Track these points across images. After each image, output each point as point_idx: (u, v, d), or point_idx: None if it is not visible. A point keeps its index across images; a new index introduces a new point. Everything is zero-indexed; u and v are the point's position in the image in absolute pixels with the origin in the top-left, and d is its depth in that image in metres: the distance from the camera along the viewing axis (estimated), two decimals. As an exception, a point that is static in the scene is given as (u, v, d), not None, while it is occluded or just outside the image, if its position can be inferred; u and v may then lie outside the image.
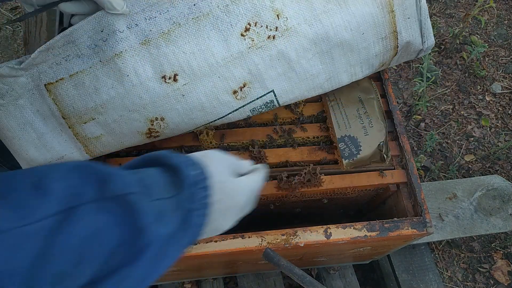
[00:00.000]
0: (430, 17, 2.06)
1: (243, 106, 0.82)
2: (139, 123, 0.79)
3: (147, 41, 0.74)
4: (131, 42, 0.73)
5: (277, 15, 0.76)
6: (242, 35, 0.75)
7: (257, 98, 0.82)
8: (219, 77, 0.77)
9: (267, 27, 0.76)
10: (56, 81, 0.75)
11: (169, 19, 0.73)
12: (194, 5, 0.74)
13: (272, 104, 0.84)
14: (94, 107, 0.76)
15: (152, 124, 0.79)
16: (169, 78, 0.75)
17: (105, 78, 0.74)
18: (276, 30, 0.76)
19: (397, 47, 0.85)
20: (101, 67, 0.74)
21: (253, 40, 0.76)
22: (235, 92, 0.79)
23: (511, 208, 1.33)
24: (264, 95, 0.81)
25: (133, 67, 0.74)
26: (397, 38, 0.83)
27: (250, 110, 0.84)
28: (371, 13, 0.79)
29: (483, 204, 1.34)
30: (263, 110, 0.85)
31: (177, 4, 0.73)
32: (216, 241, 0.80)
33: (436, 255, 1.50)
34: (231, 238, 0.80)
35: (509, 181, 1.41)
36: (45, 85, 0.75)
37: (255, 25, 0.75)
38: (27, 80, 0.75)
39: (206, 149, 0.92)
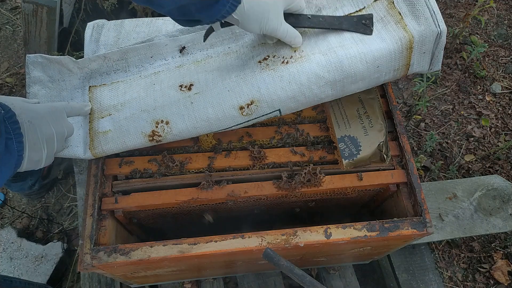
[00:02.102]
0: (430, 17, 2.06)
1: (247, 121, 0.84)
2: (146, 123, 0.82)
3: (181, 65, 0.89)
4: (169, 66, 0.90)
5: (294, 50, 0.84)
6: (259, 62, 0.84)
7: (263, 115, 0.84)
8: (228, 90, 0.81)
9: (283, 57, 0.83)
10: (99, 85, 0.88)
11: (205, 54, 0.90)
12: (229, 47, 0.90)
13: (274, 116, 0.86)
14: (115, 104, 0.85)
15: (157, 126, 0.81)
16: (185, 87, 0.84)
17: (137, 86, 0.87)
18: (290, 58, 0.82)
19: (406, 75, 0.87)
20: (138, 79, 0.88)
21: (267, 65, 0.83)
22: (241, 108, 0.81)
23: (511, 208, 1.33)
24: (270, 113, 0.84)
25: (161, 80, 0.86)
26: (408, 69, 0.85)
27: (252, 122, 0.86)
28: (389, 49, 0.81)
29: (483, 204, 1.34)
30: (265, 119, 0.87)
31: (216, 47, 0.90)
32: (216, 241, 0.80)
33: (436, 255, 1.50)
34: (231, 238, 0.80)
35: (509, 181, 1.41)
36: (89, 86, 0.89)
37: (273, 57, 0.84)
38: (78, 81, 0.89)
39: (206, 149, 0.92)
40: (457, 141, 1.75)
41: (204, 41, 0.86)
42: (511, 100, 1.87)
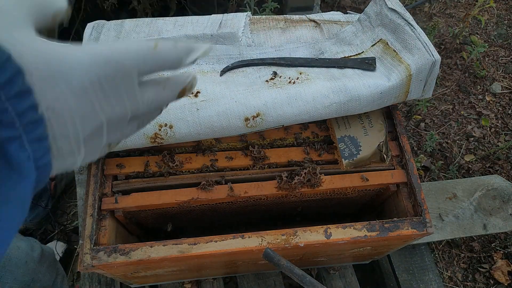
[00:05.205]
0: (430, 17, 2.07)
1: (250, 132, 0.86)
2: (149, 125, 0.80)
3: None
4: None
5: (300, 73, 0.88)
6: (266, 81, 0.87)
7: (266, 129, 0.86)
8: (236, 101, 0.82)
9: (289, 78, 0.87)
10: None
11: (212, 67, 0.92)
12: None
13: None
14: None
15: (160, 130, 0.81)
16: (191, 93, 0.83)
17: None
18: (297, 79, 0.87)
19: (404, 100, 0.91)
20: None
21: (274, 84, 0.86)
22: (247, 119, 0.82)
23: (511, 208, 1.33)
24: (275, 127, 0.86)
25: None
26: (407, 96, 0.89)
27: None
28: (389, 79, 0.86)
29: (483, 204, 1.34)
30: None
31: (223, 63, 0.92)
32: (216, 241, 0.80)
33: (436, 255, 1.50)
34: (231, 238, 0.80)
35: (509, 181, 1.41)
36: None
37: (280, 77, 0.88)
38: None
39: (205, 149, 0.92)
40: (457, 141, 1.75)
41: (220, 75, 0.90)
42: (511, 100, 1.87)
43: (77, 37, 1.61)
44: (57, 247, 1.43)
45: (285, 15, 1.03)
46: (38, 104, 0.28)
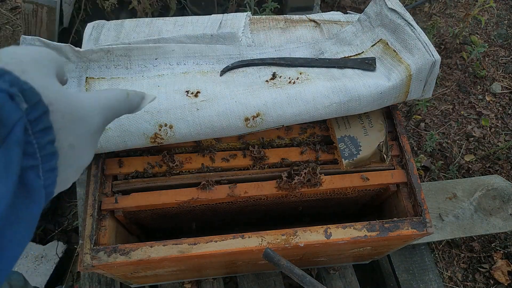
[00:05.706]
0: (430, 17, 2.07)
1: (251, 132, 0.86)
2: (149, 125, 0.81)
3: (187, 72, 0.90)
4: (174, 70, 0.90)
5: (300, 73, 0.89)
6: (266, 81, 0.87)
7: (266, 129, 0.86)
8: (236, 101, 0.82)
9: (289, 78, 0.87)
10: (97, 78, 0.86)
11: (211, 67, 0.92)
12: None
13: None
14: None
15: (160, 130, 0.81)
16: (191, 93, 0.83)
17: (139, 86, 0.86)
18: (297, 79, 0.87)
19: (404, 100, 0.91)
20: (140, 79, 0.87)
21: (274, 84, 0.86)
22: (247, 119, 0.82)
23: (511, 208, 1.33)
24: (275, 127, 0.86)
25: (166, 83, 0.85)
26: (407, 96, 0.90)
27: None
28: (389, 79, 0.86)
29: (483, 204, 1.34)
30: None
31: (223, 63, 0.92)
32: (216, 241, 0.80)
33: (436, 255, 1.50)
34: (231, 238, 0.80)
35: (509, 181, 1.41)
36: (86, 77, 0.86)
37: (280, 77, 0.88)
38: (75, 69, 0.86)
39: (205, 149, 0.92)
40: (457, 141, 1.75)
41: (220, 75, 0.90)
42: (511, 100, 1.87)
43: (77, 37, 1.61)
44: (57, 247, 1.43)
45: (285, 15, 1.03)
46: (55, 139, 0.34)
